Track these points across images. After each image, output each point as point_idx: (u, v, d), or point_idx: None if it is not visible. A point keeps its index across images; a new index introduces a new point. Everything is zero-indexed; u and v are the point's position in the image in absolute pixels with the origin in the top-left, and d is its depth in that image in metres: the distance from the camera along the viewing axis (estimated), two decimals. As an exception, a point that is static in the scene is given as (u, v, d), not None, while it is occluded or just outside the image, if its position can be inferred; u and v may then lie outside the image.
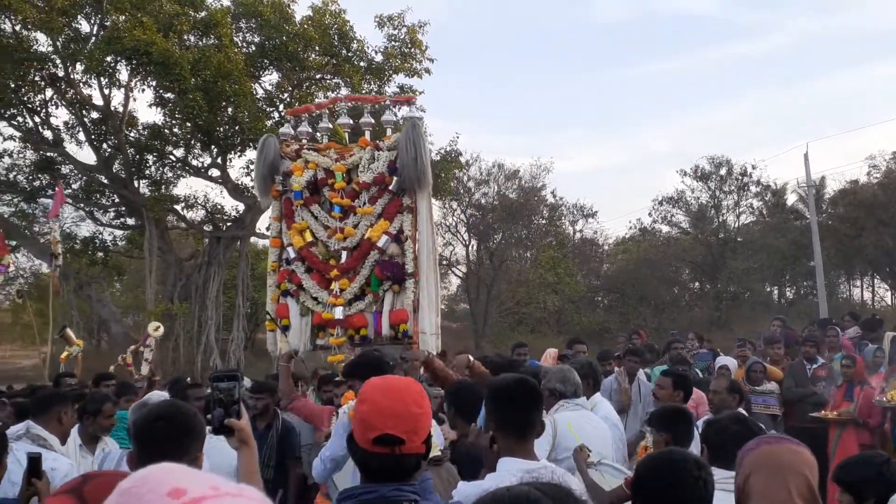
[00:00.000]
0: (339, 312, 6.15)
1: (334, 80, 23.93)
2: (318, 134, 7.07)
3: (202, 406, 5.89)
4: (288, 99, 23.32)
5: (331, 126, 6.97)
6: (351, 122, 6.97)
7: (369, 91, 22.41)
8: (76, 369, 12.61)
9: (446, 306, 48.29)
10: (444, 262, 39.51)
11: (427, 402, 2.52)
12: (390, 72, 23.62)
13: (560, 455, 4.66)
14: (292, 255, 6.43)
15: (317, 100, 7.78)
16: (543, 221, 39.46)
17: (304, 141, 6.85)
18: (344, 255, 6.28)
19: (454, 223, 38.30)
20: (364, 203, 6.38)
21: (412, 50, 23.88)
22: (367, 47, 23.66)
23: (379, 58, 23.69)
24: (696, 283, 41.69)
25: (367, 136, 6.71)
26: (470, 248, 38.93)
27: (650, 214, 42.45)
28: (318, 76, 24.27)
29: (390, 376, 2.93)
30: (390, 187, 6.31)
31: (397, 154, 6.31)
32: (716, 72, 71.29)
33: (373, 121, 6.86)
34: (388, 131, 6.69)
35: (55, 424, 4.43)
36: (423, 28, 24.01)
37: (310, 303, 6.30)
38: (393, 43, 23.85)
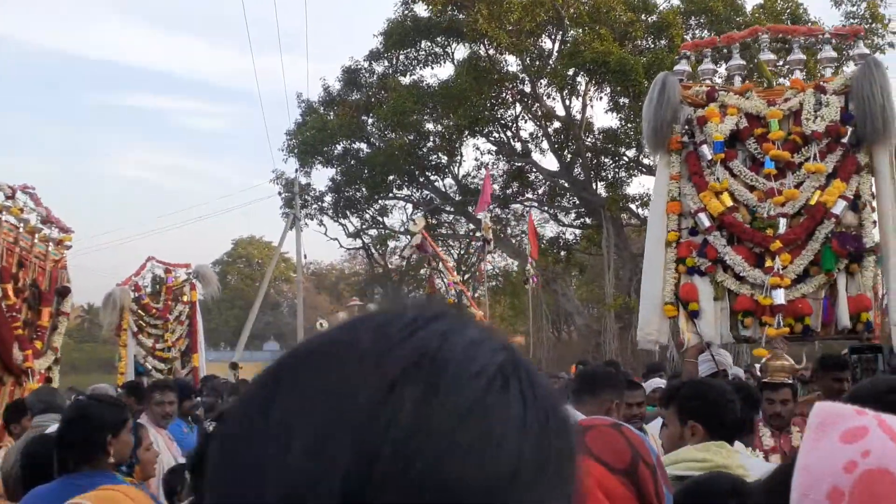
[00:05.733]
0: (780, 296, 4.88)
1: (786, 66, 22.92)
2: (724, 74, 5.97)
3: None
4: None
5: (742, 63, 5.82)
6: (774, 57, 5.87)
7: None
8: None
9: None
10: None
11: None
12: (849, 50, 21.91)
13: None
14: (706, 222, 5.19)
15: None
16: None
17: (707, 81, 5.75)
18: (783, 222, 5.07)
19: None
20: (811, 158, 5.15)
21: (873, 25, 21.95)
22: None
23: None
24: None
25: (799, 76, 5.60)
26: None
27: None
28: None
29: None
30: (843, 139, 5.13)
31: (847, 98, 5.19)
32: None
33: (804, 57, 5.70)
34: (829, 71, 5.60)
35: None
36: (884, 1, 21.98)
37: (731, 282, 5.13)
38: (851, 20, 22.15)
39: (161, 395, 5.79)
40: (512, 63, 25.34)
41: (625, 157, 26.25)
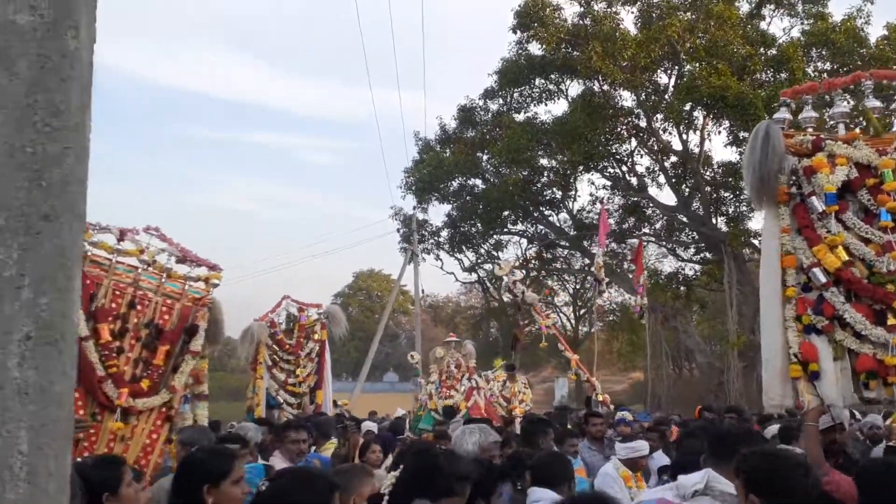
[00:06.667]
0: None
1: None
2: (831, 122, 5.69)
3: None
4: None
5: (845, 111, 5.62)
6: (880, 104, 5.62)
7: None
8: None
9: None
10: None
11: None
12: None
13: None
14: (822, 278, 4.95)
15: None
16: None
17: (810, 129, 5.46)
18: None
19: None
20: None
21: None
22: (952, 59, 21.15)
23: (971, 66, 21.01)
24: None
25: None
26: None
27: None
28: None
29: None
30: None
31: None
32: None
33: None
34: None
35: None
36: None
37: (850, 341, 4.87)
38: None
39: (296, 434, 6.22)
40: (627, 98, 25.32)
41: (746, 192, 25.63)
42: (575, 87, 26.34)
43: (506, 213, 28.81)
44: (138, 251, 7.01)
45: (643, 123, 25.50)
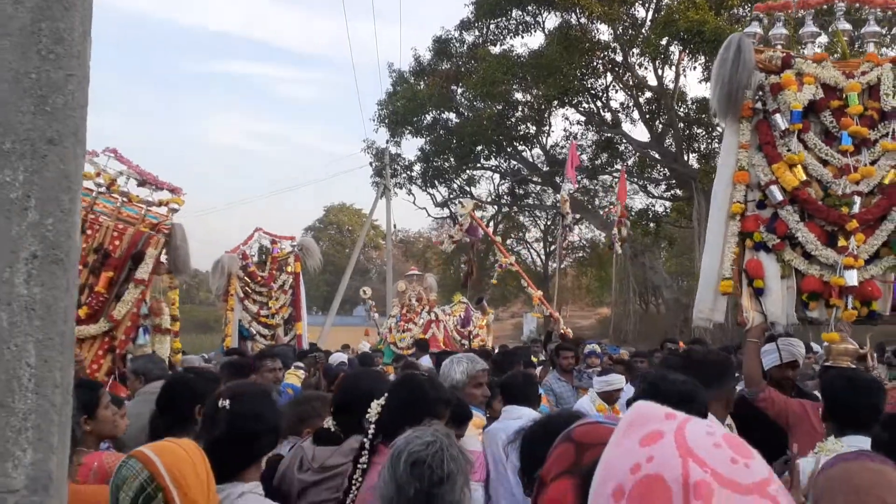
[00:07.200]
0: (852, 277, 4.70)
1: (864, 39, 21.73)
2: (804, 43, 5.60)
3: None
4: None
5: (816, 31, 5.53)
6: (850, 28, 5.57)
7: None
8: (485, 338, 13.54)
9: None
10: None
11: None
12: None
13: None
14: (778, 196, 4.94)
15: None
16: None
17: (779, 47, 5.37)
18: (857, 201, 4.88)
19: None
20: (888, 135, 4.95)
21: None
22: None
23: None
24: None
25: (873, 48, 5.35)
26: None
27: None
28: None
29: None
30: None
31: None
32: None
33: (880, 30, 5.43)
34: None
35: None
36: None
37: (798, 262, 4.88)
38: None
39: (272, 363, 6.24)
40: (604, 32, 25.14)
41: (719, 128, 25.73)
42: (552, 20, 26.10)
43: (479, 147, 28.73)
44: (94, 174, 6.74)
45: (619, 58, 25.37)
